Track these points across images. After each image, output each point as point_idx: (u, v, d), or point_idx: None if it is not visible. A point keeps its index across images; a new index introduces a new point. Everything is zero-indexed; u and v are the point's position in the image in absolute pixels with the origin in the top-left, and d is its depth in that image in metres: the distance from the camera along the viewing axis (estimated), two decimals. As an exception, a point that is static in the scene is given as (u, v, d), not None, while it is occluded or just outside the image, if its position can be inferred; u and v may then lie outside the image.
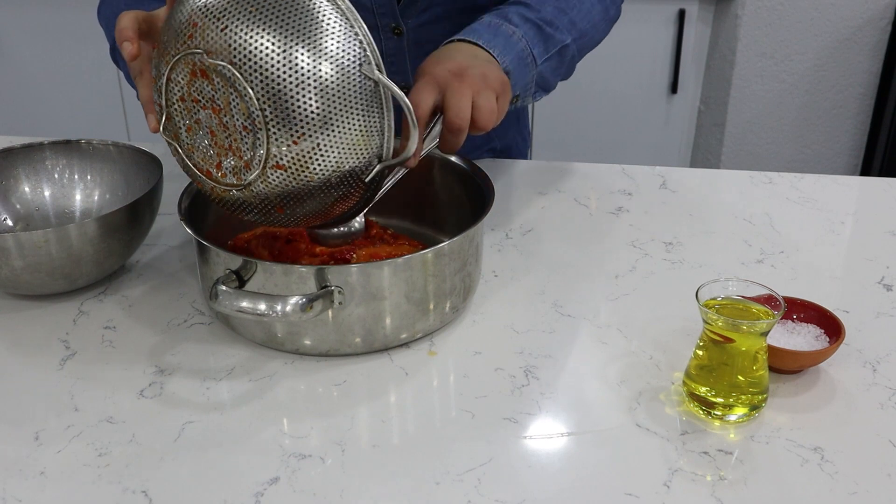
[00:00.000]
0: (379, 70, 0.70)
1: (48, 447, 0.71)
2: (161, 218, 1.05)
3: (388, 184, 0.83)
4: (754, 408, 0.73)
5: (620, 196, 1.12)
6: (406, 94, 0.74)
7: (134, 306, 0.90)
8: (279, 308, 0.72)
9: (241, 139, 0.70)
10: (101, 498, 0.66)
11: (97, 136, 1.02)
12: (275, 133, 0.68)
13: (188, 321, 0.87)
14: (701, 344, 0.74)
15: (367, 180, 0.74)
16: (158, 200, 0.94)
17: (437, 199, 0.97)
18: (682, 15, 2.17)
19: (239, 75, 0.67)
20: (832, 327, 0.80)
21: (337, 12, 0.69)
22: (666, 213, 1.08)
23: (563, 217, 1.07)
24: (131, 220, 0.89)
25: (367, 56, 0.70)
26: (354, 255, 0.87)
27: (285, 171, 0.70)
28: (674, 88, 2.27)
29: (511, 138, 1.25)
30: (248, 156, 0.70)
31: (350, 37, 0.69)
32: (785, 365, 0.78)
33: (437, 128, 0.82)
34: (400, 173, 0.83)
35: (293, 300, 0.73)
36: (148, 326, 0.86)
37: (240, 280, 0.77)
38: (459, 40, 0.91)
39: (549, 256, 0.99)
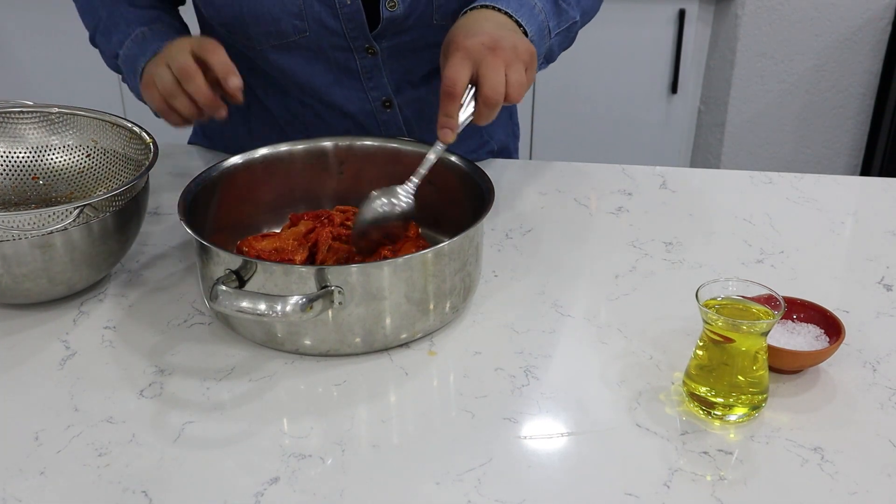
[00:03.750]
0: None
1: (48, 447, 0.71)
2: (161, 218, 1.06)
3: (432, 157, 0.86)
4: (754, 408, 0.73)
5: (620, 196, 1.12)
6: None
7: (134, 306, 0.90)
8: (279, 308, 0.72)
9: None
10: (101, 498, 0.66)
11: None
12: None
13: (188, 321, 0.87)
14: (701, 344, 0.74)
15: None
16: (146, 203, 0.93)
17: (437, 199, 0.97)
18: (682, 15, 2.16)
19: None
20: (832, 327, 0.80)
21: None
22: (666, 213, 1.08)
23: (563, 217, 1.07)
24: (121, 224, 0.88)
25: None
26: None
27: None
28: (674, 88, 2.27)
29: (504, 137, 1.25)
30: None
31: None
32: (785, 365, 0.78)
33: (469, 101, 0.85)
34: (440, 148, 0.86)
35: (293, 300, 0.73)
36: (148, 326, 0.86)
37: (240, 280, 0.77)
38: (484, 6, 0.91)
39: (549, 256, 0.99)
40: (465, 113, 0.85)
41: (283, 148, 0.98)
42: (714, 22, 2.25)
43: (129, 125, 0.97)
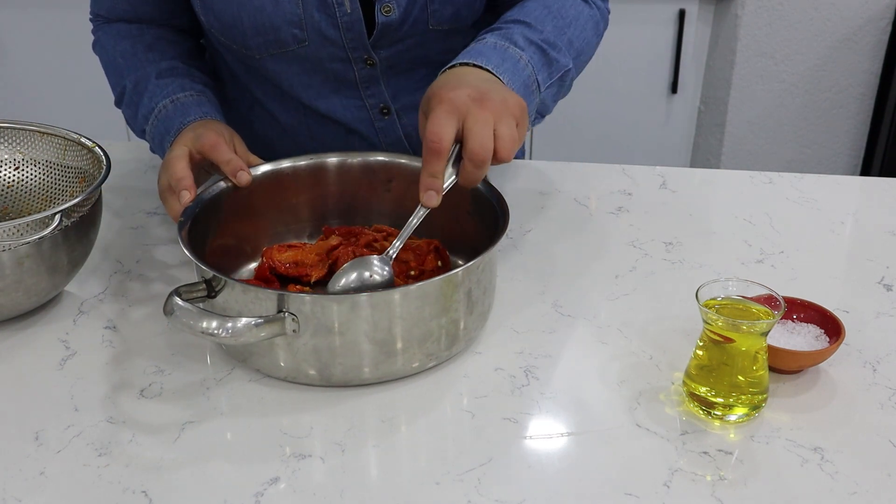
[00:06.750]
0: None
1: (48, 447, 0.71)
2: (161, 217, 1.06)
3: (414, 222, 0.81)
4: (754, 408, 0.73)
5: (620, 196, 1.12)
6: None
7: (134, 306, 0.90)
8: (229, 327, 0.70)
9: None
10: (101, 498, 0.66)
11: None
12: None
13: (188, 321, 0.87)
14: (701, 344, 0.74)
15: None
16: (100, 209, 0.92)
17: (452, 219, 0.92)
18: (682, 15, 2.16)
19: None
20: (832, 327, 0.80)
21: None
22: (666, 213, 1.08)
23: (563, 217, 1.07)
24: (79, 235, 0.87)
25: None
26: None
27: None
28: (674, 88, 2.27)
29: None
30: None
31: None
32: (785, 365, 0.78)
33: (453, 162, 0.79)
34: (422, 213, 0.80)
35: (242, 322, 0.70)
36: (148, 326, 0.86)
37: (210, 290, 0.76)
38: (465, 64, 0.86)
39: (549, 256, 0.99)
40: (448, 176, 0.79)
41: (332, 158, 0.95)
42: (714, 22, 2.25)
43: (63, 133, 0.95)
